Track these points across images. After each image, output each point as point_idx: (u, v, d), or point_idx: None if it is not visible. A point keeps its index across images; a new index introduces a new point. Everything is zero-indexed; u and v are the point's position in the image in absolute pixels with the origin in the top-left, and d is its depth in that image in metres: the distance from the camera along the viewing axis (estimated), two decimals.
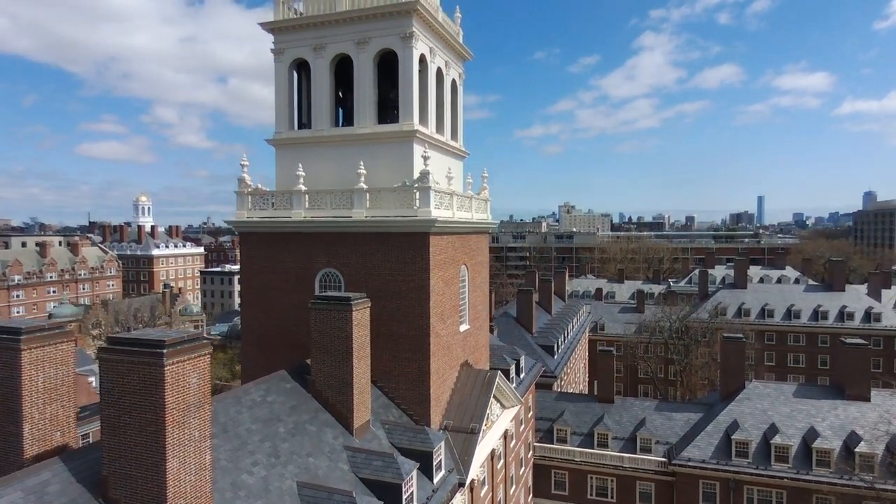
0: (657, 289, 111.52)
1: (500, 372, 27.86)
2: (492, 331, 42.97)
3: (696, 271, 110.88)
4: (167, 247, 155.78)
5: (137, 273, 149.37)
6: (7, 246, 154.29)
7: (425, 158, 22.86)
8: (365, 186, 23.37)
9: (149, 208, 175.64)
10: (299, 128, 26.97)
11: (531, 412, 39.87)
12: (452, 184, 26.76)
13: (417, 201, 22.78)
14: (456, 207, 25.80)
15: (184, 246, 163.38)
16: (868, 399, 36.94)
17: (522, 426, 36.40)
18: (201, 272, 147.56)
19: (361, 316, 20.28)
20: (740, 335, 40.99)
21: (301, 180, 24.47)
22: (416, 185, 22.76)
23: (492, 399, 27.03)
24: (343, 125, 27.09)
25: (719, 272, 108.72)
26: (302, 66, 26.75)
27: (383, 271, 23.40)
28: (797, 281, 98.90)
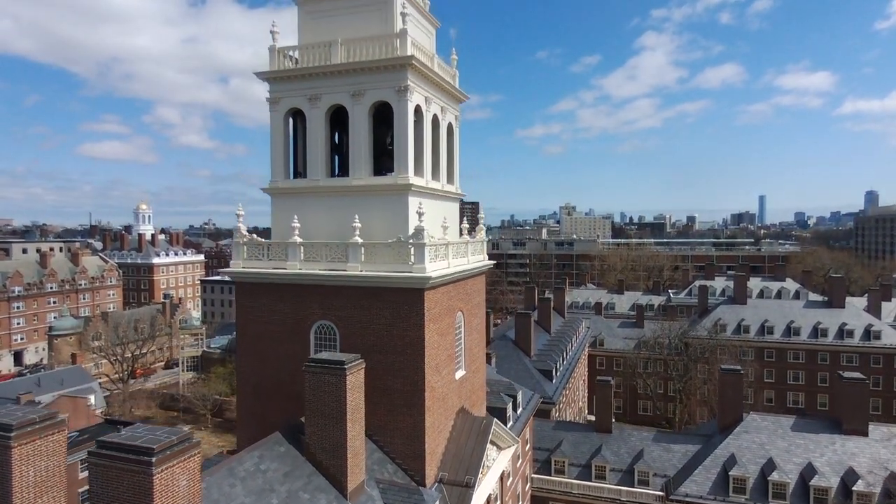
0: (657, 300, 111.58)
1: (495, 419, 27.82)
2: (489, 360, 42.96)
3: (696, 283, 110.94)
4: (167, 254, 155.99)
5: (138, 282, 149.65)
6: (8, 252, 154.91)
7: (420, 214, 22.84)
8: (360, 240, 23.39)
9: (149, 216, 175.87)
10: (295, 176, 26.99)
11: (528, 444, 39.85)
12: (448, 231, 26.78)
13: (412, 257, 22.78)
14: (452, 256, 25.79)
15: (184, 253, 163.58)
16: (866, 434, 36.89)
17: (520, 461, 36.38)
18: (201, 281, 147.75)
19: (355, 379, 20.27)
20: (738, 367, 40.96)
21: (296, 232, 24.47)
22: (411, 242, 22.76)
23: (488, 444, 27.07)
24: (339, 173, 27.10)
25: (719, 283, 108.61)
26: (298, 113, 26.76)
27: (378, 325, 23.39)
28: (797, 294, 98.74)
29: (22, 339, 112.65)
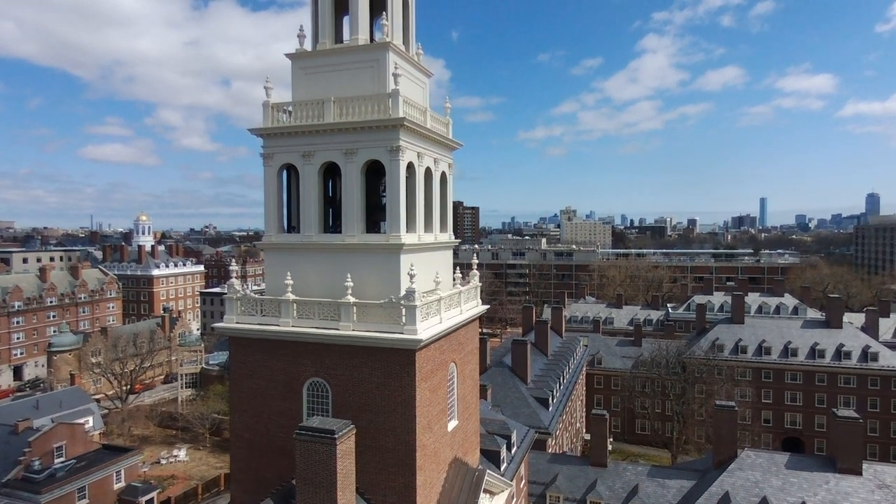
0: (656, 315, 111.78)
1: (487, 471, 27.95)
2: (484, 394, 43.08)
3: (695, 298, 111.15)
4: (167, 266, 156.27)
5: (137, 293, 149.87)
6: (8, 262, 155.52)
7: (411, 276, 23.03)
8: (352, 300, 23.57)
9: (149, 227, 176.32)
10: (289, 230, 27.20)
11: (524, 480, 39.94)
12: (441, 282, 26.94)
13: (404, 318, 22.96)
14: (444, 310, 25.98)
15: (184, 264, 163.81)
16: (860, 473, 36.94)
17: (514, 499, 36.47)
18: (201, 293, 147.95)
19: (346, 447, 20.39)
20: (732, 404, 41.03)
21: (289, 288, 24.67)
22: (403, 303, 22.93)
23: (481, 494, 27.22)
24: (332, 227, 27.27)
25: (717, 298, 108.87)
26: (292, 167, 26.97)
27: (370, 384, 23.55)
28: (795, 310, 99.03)
29: (21, 353, 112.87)
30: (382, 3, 27.24)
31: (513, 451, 35.82)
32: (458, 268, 30.72)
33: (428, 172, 27.63)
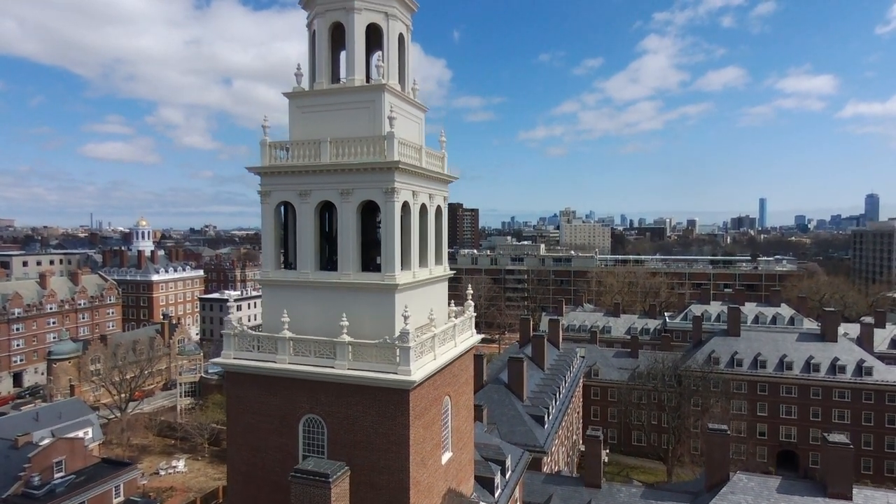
0: (653, 324, 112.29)
1: (481, 501, 28.36)
2: (479, 415, 43.51)
3: (692, 308, 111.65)
4: (167, 271, 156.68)
5: (137, 299, 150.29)
6: (8, 266, 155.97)
7: (406, 318, 23.46)
8: (347, 339, 24.01)
9: (149, 232, 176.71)
10: (286, 265, 27.63)
11: (518, 502, 40.35)
12: (435, 318, 27.38)
13: (398, 357, 23.41)
14: (438, 345, 26.43)
15: (183, 269, 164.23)
16: (850, 498, 37.36)
17: None
18: (200, 299, 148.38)
19: (340, 489, 20.82)
20: (724, 427, 41.46)
21: (286, 326, 25.10)
22: (397, 344, 23.37)
23: None
24: (329, 262, 27.63)
25: (714, 308, 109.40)
26: (289, 204, 27.39)
27: (365, 422, 23.99)
28: (792, 321, 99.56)
29: (21, 360, 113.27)
30: (379, 39, 27.78)
31: (507, 476, 36.27)
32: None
33: (423, 209, 28.07)
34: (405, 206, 26.12)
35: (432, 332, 26.10)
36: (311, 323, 25.85)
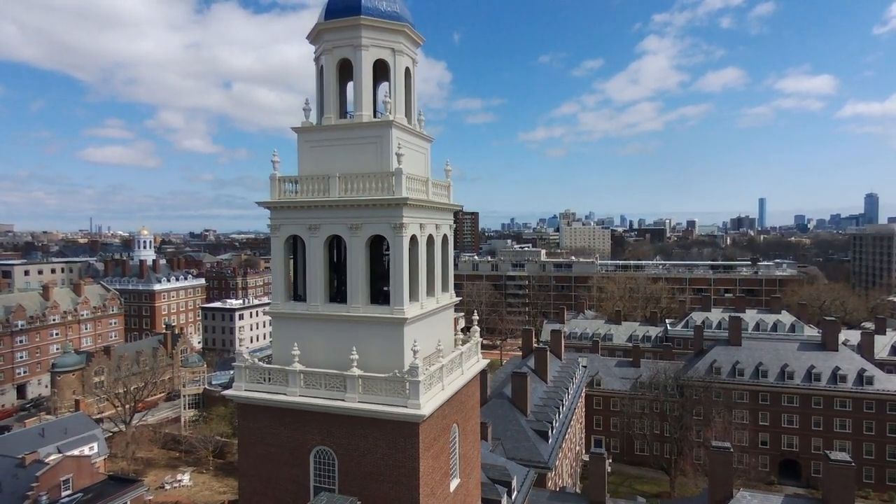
0: (654, 331, 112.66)
1: None
2: (484, 434, 43.89)
3: (693, 315, 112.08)
4: (168, 280, 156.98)
5: (139, 308, 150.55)
6: (9, 276, 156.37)
7: (415, 352, 23.87)
8: (357, 372, 24.43)
9: (150, 241, 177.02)
10: (295, 297, 28.03)
11: None
12: (442, 347, 27.77)
13: (408, 391, 23.82)
14: (446, 375, 26.83)
15: (185, 278, 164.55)
16: None
17: None
18: (202, 308, 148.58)
19: None
20: (727, 445, 41.84)
21: (296, 359, 25.51)
22: (407, 377, 23.78)
23: None
24: (338, 294, 28.01)
25: (715, 316, 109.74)
26: (299, 237, 27.79)
27: (375, 455, 24.38)
28: (793, 328, 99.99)
29: (25, 372, 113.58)
30: (385, 72, 28.24)
31: (514, 497, 36.65)
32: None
33: (430, 239, 28.50)
34: (413, 238, 26.55)
35: (440, 362, 26.49)
36: (320, 355, 26.24)
